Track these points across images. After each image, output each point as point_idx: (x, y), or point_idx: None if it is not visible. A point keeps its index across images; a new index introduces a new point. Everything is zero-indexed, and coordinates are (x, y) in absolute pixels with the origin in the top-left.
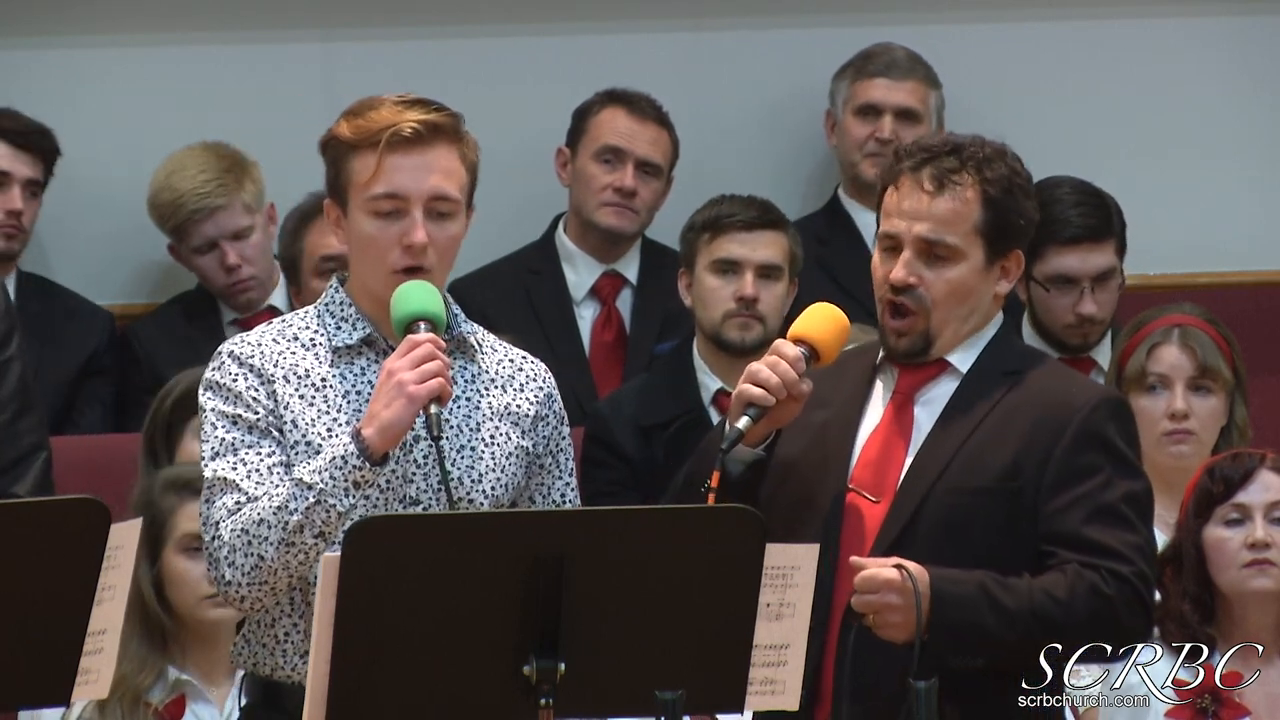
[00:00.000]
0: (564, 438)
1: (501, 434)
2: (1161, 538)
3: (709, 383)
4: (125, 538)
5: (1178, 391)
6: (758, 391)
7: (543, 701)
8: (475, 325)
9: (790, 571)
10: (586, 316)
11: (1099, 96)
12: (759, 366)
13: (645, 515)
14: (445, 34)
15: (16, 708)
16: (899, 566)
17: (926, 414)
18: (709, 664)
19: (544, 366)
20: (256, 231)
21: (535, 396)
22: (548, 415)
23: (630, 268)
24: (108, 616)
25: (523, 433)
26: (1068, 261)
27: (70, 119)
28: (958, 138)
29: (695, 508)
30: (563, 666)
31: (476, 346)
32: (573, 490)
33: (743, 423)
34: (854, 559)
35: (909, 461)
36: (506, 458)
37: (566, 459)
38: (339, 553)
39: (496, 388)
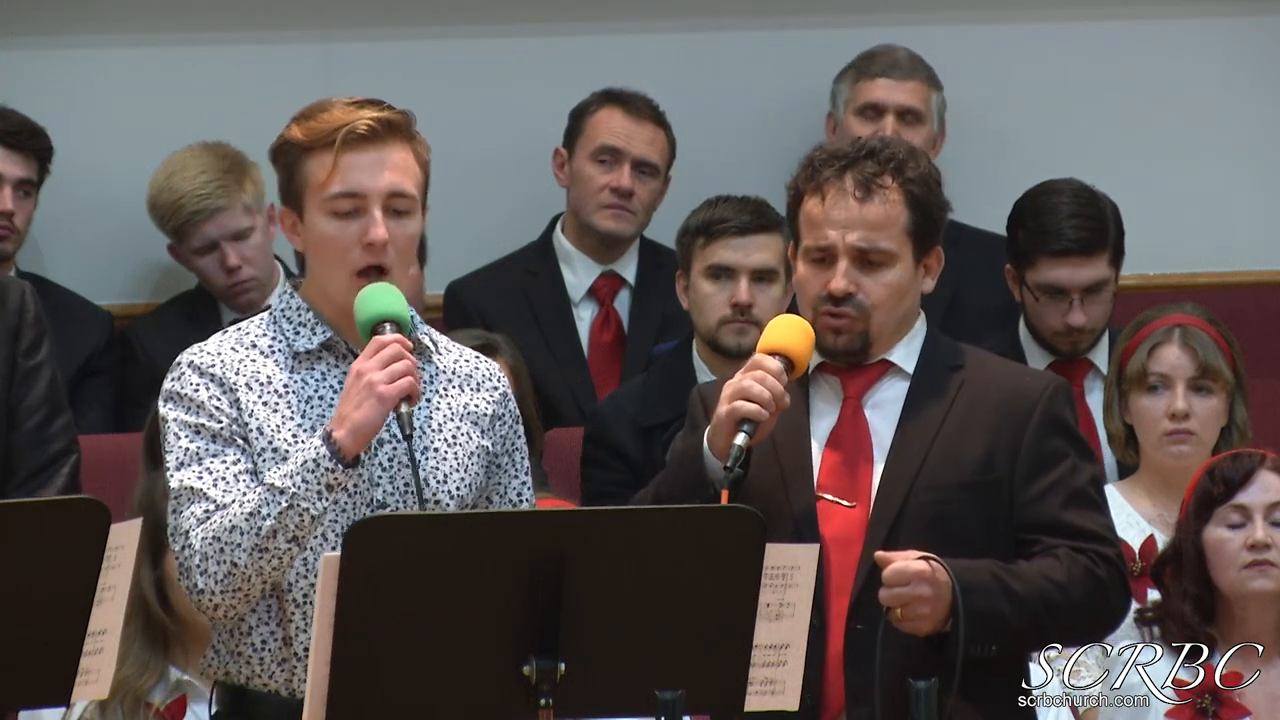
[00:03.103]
0: (519, 436)
1: (463, 434)
2: (1161, 538)
3: None
4: (125, 538)
5: (1178, 391)
6: (752, 407)
7: (543, 701)
8: (428, 326)
9: (790, 571)
10: (585, 317)
11: (1099, 97)
12: (749, 382)
13: (645, 515)
14: (445, 34)
15: (16, 708)
16: (924, 558)
17: (880, 416)
18: (709, 664)
19: (497, 366)
20: (257, 232)
21: (492, 396)
22: (504, 415)
23: (628, 268)
24: (108, 616)
25: (482, 432)
26: (1058, 273)
27: (69, 119)
28: (869, 141)
29: (695, 508)
30: (563, 666)
31: (432, 348)
32: (529, 489)
33: (740, 439)
34: (879, 554)
35: (880, 464)
36: (469, 457)
37: (522, 458)
38: (339, 553)
39: (455, 388)
